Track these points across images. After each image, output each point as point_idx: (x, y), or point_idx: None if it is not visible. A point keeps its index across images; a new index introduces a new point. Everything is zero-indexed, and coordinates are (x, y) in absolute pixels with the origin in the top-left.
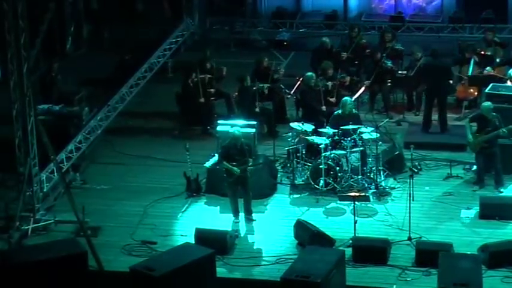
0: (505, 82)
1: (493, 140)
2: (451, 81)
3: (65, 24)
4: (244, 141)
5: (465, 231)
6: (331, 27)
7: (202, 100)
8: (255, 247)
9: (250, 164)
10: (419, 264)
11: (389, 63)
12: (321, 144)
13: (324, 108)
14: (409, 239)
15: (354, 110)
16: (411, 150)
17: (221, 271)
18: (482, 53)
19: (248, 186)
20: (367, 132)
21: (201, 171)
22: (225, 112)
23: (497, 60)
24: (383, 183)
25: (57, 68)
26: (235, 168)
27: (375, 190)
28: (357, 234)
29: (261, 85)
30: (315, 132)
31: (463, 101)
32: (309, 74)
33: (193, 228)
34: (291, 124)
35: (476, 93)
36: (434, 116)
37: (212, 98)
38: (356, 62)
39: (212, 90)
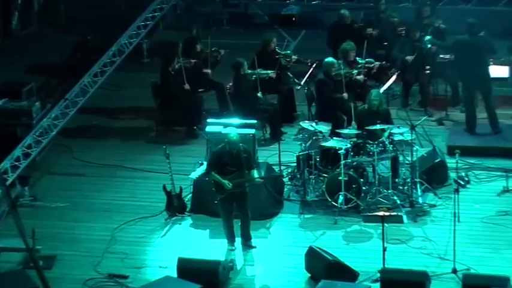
0: None
1: None
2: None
3: None
4: (242, 147)
5: None
6: None
7: (187, 87)
8: (255, 282)
9: (249, 177)
10: None
11: (430, 45)
12: (340, 149)
13: (345, 95)
14: (454, 271)
15: (383, 105)
16: (456, 157)
17: None
18: None
19: (246, 203)
20: (400, 134)
21: (185, 184)
22: (217, 108)
23: None
24: (420, 200)
25: None
26: (226, 182)
27: (409, 208)
28: (386, 266)
29: (263, 72)
30: (333, 134)
31: None
32: (329, 59)
33: (176, 257)
34: (302, 123)
35: None
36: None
37: (200, 90)
38: (385, 44)
39: (208, 70)
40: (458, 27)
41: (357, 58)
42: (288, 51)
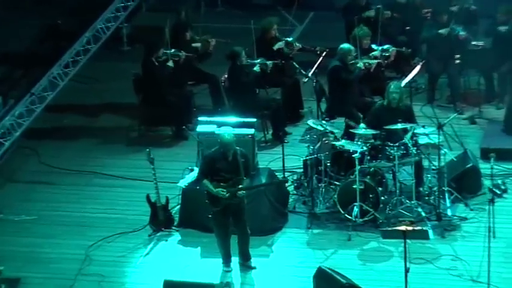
0: None
1: None
2: None
3: None
4: (239, 151)
5: None
6: None
7: (170, 64)
8: None
9: (245, 185)
10: None
11: (461, 31)
12: (354, 152)
13: (361, 65)
14: None
15: (404, 100)
16: (491, 162)
17: None
18: None
19: (244, 216)
20: (425, 135)
21: (172, 193)
22: (210, 104)
23: None
24: (449, 212)
25: None
26: (221, 191)
27: (436, 222)
28: None
29: (265, 62)
30: (346, 135)
31: None
32: (345, 45)
33: (161, 280)
34: (309, 122)
35: None
36: None
37: (190, 83)
38: (407, 28)
39: (198, 44)
40: (491, 8)
41: (373, 45)
42: (290, 38)
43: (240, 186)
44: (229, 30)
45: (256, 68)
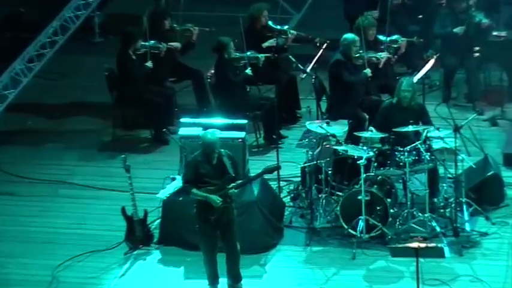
0: None
1: None
2: None
3: None
4: (225, 153)
5: None
6: None
7: (149, 65)
8: None
9: (237, 183)
10: None
11: (483, 18)
12: (360, 158)
13: (368, 71)
14: None
15: (416, 99)
16: None
17: None
18: None
19: (235, 228)
20: (440, 138)
21: (151, 205)
22: (194, 103)
23: None
24: (467, 226)
25: None
26: (213, 197)
27: (453, 238)
28: None
29: (255, 56)
30: (350, 139)
31: None
32: (349, 36)
33: None
34: (308, 124)
35: None
36: None
37: (171, 79)
38: (420, 17)
39: (178, 44)
40: None
41: (379, 36)
42: (285, 27)
43: (232, 184)
44: (214, 19)
45: (248, 71)
